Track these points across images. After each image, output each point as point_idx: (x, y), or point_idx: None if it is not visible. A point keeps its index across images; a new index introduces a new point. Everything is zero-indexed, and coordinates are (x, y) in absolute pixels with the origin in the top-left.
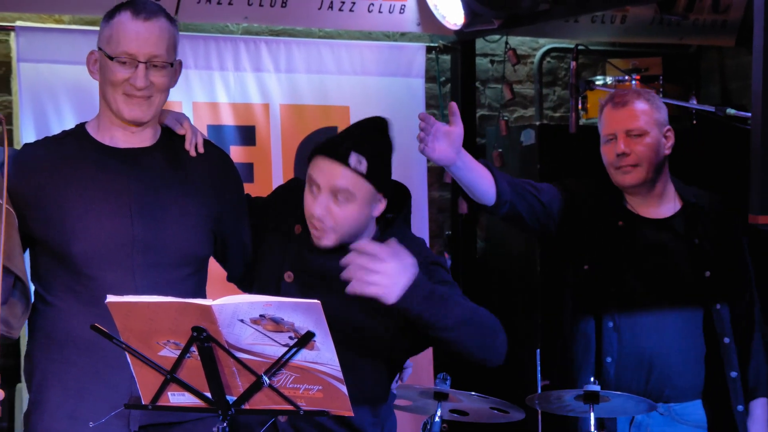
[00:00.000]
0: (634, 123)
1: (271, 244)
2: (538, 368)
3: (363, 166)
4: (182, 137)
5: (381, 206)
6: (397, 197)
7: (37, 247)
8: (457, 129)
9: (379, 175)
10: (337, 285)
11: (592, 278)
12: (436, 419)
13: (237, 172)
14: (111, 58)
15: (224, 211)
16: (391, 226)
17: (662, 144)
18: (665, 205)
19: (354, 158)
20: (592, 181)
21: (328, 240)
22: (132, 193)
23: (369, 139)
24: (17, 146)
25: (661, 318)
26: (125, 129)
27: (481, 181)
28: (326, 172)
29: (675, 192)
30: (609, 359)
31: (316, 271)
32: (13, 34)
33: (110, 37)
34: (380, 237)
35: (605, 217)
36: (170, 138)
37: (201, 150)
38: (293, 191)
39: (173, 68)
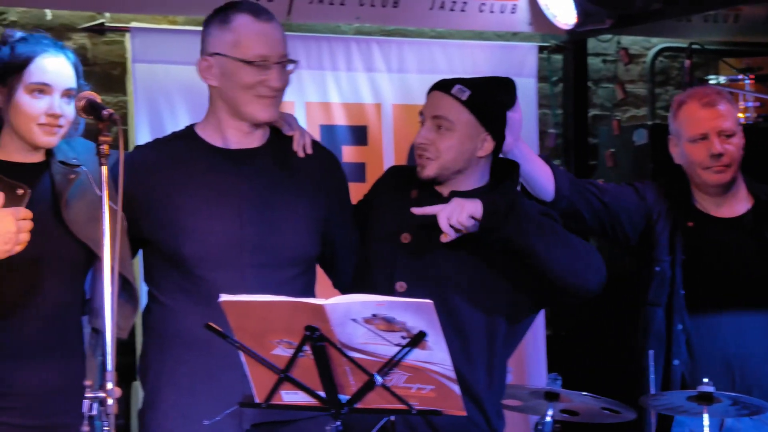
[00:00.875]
0: (725, 123)
1: (378, 251)
2: (651, 369)
3: (465, 95)
4: (290, 138)
5: (487, 147)
6: (507, 167)
7: (149, 249)
8: (516, 115)
9: (482, 108)
10: (451, 290)
11: (662, 280)
12: (548, 419)
13: (344, 174)
14: (245, 62)
15: (332, 213)
16: (503, 184)
17: (743, 143)
18: (738, 204)
19: (457, 87)
20: (665, 181)
21: (429, 170)
22: (242, 194)
23: (482, 80)
24: (132, 147)
25: (738, 319)
26: (241, 130)
27: (539, 174)
28: (430, 102)
29: (746, 190)
30: (677, 362)
31: (430, 279)
32: (128, 35)
33: (237, 42)
34: (489, 188)
35: (675, 218)
36: (278, 139)
37: (309, 151)
38: (394, 189)
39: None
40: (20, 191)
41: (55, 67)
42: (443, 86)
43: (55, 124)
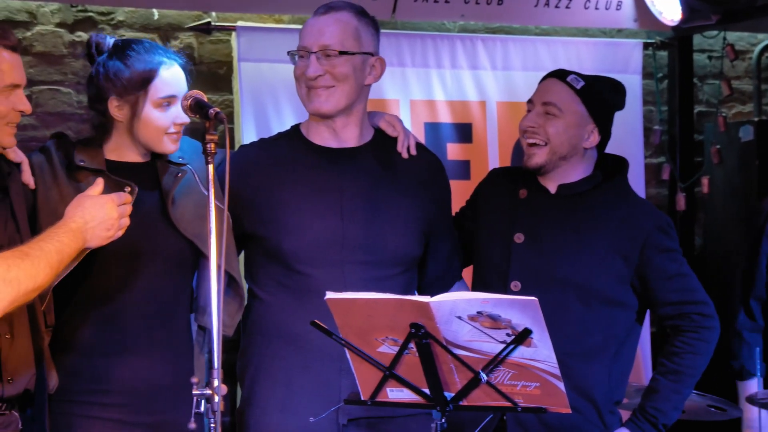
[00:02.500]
0: None
1: (492, 252)
2: (758, 366)
3: (579, 84)
4: (394, 140)
5: (593, 139)
6: (617, 163)
7: (252, 245)
8: None
9: (594, 101)
10: (566, 288)
11: None
12: None
13: (448, 180)
14: (292, 55)
15: (433, 217)
16: (612, 179)
17: None
18: None
19: (572, 77)
20: None
21: (539, 158)
22: (343, 192)
23: (596, 77)
24: (238, 145)
25: None
26: (326, 126)
27: None
28: (543, 88)
29: None
30: None
31: (544, 278)
32: (234, 34)
33: (299, 38)
34: (600, 183)
35: None
36: (383, 140)
37: (413, 152)
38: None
39: (356, 59)
40: (128, 189)
41: (175, 77)
42: (559, 74)
43: (180, 131)
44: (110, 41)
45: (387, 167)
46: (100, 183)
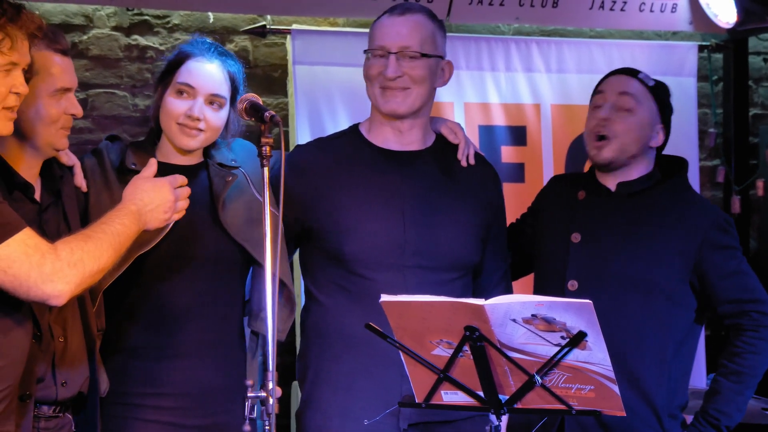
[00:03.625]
0: None
1: (549, 252)
2: None
3: (651, 82)
4: (454, 146)
5: (659, 138)
6: (676, 162)
7: (310, 246)
8: None
9: (662, 99)
10: (623, 287)
11: None
12: None
13: (502, 193)
14: (367, 53)
15: (490, 225)
16: (671, 177)
17: None
18: None
19: (643, 74)
20: None
21: (607, 152)
22: (404, 196)
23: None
24: (293, 148)
25: None
26: (392, 127)
27: None
28: (615, 83)
29: None
30: None
31: (602, 277)
32: (289, 37)
33: (370, 38)
34: (659, 181)
35: None
36: (443, 146)
37: (472, 161)
38: (559, 195)
39: (431, 62)
40: None
41: (203, 71)
42: (628, 72)
43: (193, 126)
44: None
45: (447, 173)
46: (153, 164)
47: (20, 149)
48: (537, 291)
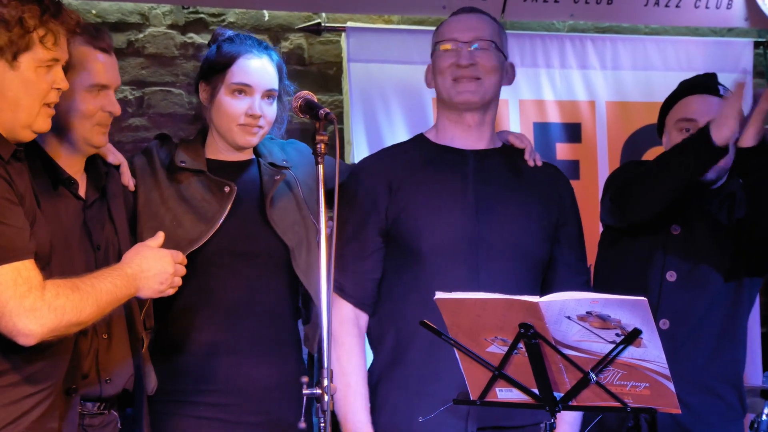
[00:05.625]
0: None
1: (644, 244)
2: None
3: (727, 92)
4: (521, 151)
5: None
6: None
7: (386, 247)
8: None
9: None
10: (722, 278)
11: None
12: (764, 417)
13: (573, 193)
14: (438, 46)
15: (561, 223)
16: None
17: None
18: None
19: (722, 89)
20: None
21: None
22: (477, 193)
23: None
24: (347, 145)
25: None
26: (461, 124)
27: None
28: (703, 105)
29: None
30: None
31: (701, 268)
32: (344, 34)
33: (437, 37)
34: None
35: None
36: (510, 150)
37: (539, 163)
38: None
39: (501, 56)
40: (227, 189)
41: (257, 68)
42: (708, 89)
43: (254, 124)
44: (227, 34)
45: (515, 171)
46: (160, 236)
47: (59, 145)
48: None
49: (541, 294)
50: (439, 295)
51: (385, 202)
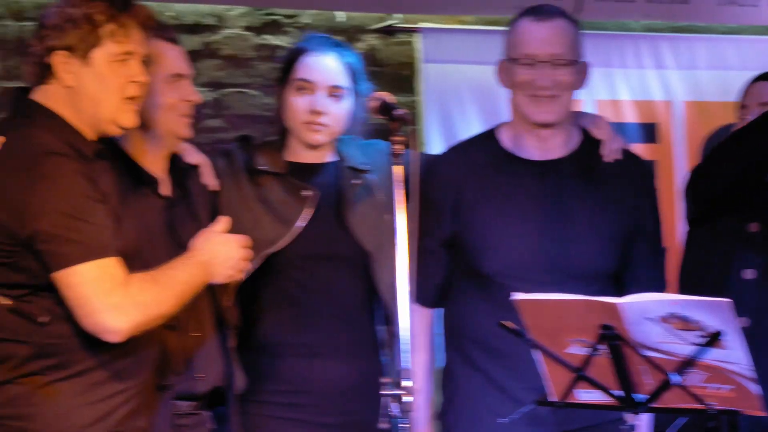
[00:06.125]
0: None
1: (719, 241)
2: None
3: None
4: (596, 146)
5: None
6: None
7: (449, 253)
8: None
9: None
10: None
11: None
12: None
13: (654, 187)
14: (516, 61)
15: (636, 224)
16: None
17: None
18: None
19: None
20: None
21: None
22: (543, 209)
23: None
24: (421, 147)
25: None
26: (536, 135)
27: None
28: (758, 91)
29: None
30: None
31: None
32: (417, 35)
33: (512, 43)
34: None
35: None
36: (588, 145)
37: (618, 156)
38: None
39: (577, 67)
40: (306, 193)
41: (318, 64)
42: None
43: (317, 121)
44: (308, 35)
45: (588, 178)
46: (224, 221)
47: (144, 142)
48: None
49: (620, 293)
50: (518, 296)
51: (449, 215)
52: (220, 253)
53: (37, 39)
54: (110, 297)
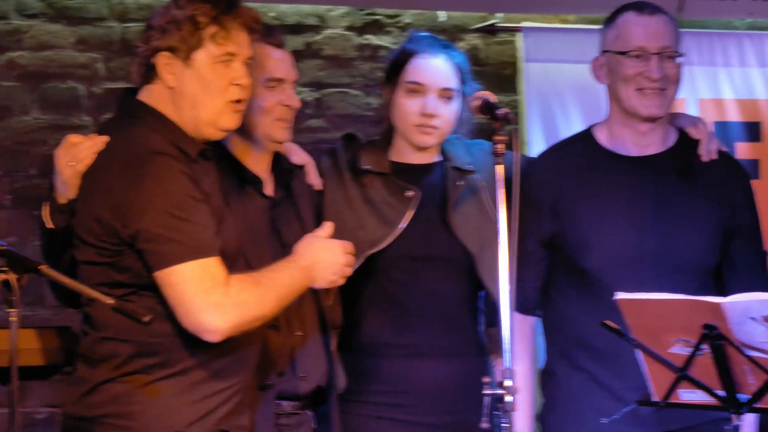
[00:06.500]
0: None
1: None
2: None
3: None
4: (696, 143)
5: None
6: None
7: (549, 254)
8: None
9: None
10: None
11: None
12: None
13: (750, 190)
14: (623, 53)
15: (733, 224)
16: None
17: None
18: None
19: None
20: None
21: None
22: (642, 204)
23: None
24: (523, 145)
25: None
26: (636, 132)
27: None
28: None
29: None
30: None
31: None
32: (519, 35)
33: (617, 37)
34: None
35: None
36: (685, 144)
37: (714, 156)
38: None
39: (679, 61)
40: (410, 193)
41: (430, 66)
42: None
43: (429, 124)
44: (414, 35)
45: (686, 174)
46: (329, 226)
47: (244, 143)
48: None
49: (721, 293)
50: (620, 295)
51: (548, 215)
52: (324, 258)
53: (144, 39)
54: (210, 296)
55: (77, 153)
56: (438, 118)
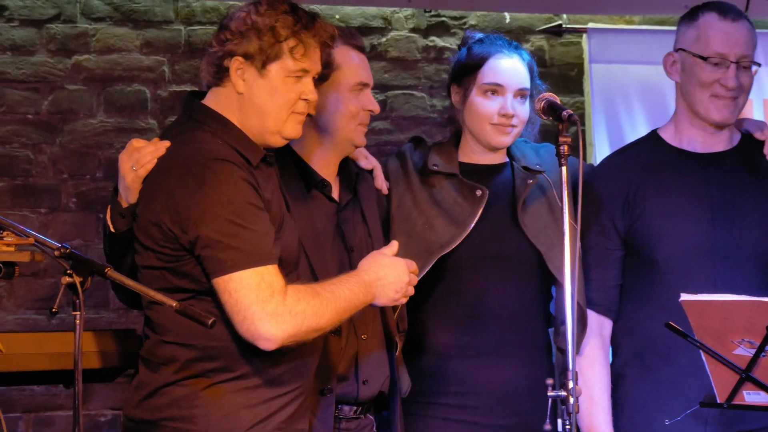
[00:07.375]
0: None
1: None
2: None
3: None
4: (760, 144)
5: None
6: None
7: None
8: None
9: None
10: None
11: None
12: None
13: None
14: (703, 59)
15: None
16: None
17: None
18: None
19: None
20: None
21: None
22: (712, 198)
23: None
24: (589, 146)
25: None
26: (704, 131)
27: None
28: None
29: None
30: None
31: None
32: (584, 36)
33: (698, 38)
34: None
35: None
36: (749, 144)
37: None
38: None
39: (755, 70)
40: (479, 192)
41: (508, 67)
42: None
43: (507, 124)
44: (477, 36)
45: (754, 171)
46: (394, 245)
47: (319, 145)
48: None
49: None
50: (685, 297)
51: (621, 211)
52: (388, 276)
53: (218, 40)
54: (267, 305)
55: (140, 157)
56: (515, 118)
